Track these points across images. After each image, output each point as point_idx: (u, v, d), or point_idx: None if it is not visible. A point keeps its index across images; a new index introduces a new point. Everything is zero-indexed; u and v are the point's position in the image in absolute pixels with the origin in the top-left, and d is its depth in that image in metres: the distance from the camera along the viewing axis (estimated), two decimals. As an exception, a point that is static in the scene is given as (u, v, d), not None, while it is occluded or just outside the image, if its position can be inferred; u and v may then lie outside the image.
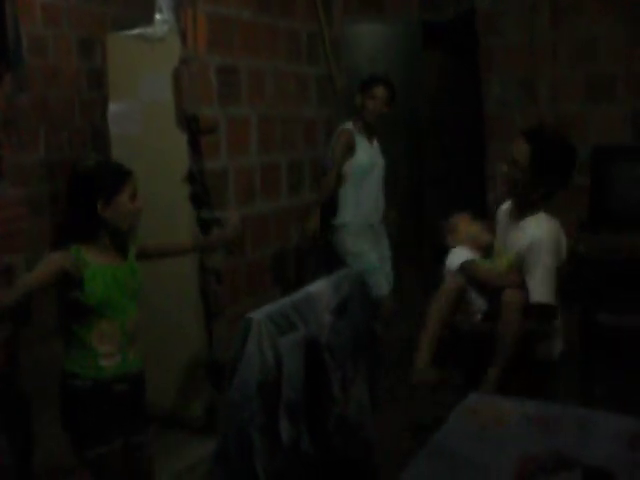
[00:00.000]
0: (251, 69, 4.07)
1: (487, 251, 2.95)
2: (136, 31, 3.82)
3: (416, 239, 5.38)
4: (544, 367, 2.82)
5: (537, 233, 2.69)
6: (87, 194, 2.38)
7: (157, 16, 3.75)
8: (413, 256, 4.03)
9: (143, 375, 2.61)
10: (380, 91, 4.17)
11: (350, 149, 4.17)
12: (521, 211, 2.79)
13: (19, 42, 3.82)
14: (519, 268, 2.71)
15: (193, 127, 3.69)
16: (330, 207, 4.25)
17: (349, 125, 4.22)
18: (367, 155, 4.23)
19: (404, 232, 5.18)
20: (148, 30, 3.76)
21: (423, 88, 5.50)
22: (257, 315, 2.12)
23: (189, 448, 3.68)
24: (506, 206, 2.95)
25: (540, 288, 2.66)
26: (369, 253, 4.19)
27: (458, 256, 2.92)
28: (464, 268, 2.86)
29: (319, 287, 2.44)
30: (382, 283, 4.21)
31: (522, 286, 2.68)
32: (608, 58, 4.49)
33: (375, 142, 4.33)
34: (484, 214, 4.59)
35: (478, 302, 2.85)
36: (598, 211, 4.30)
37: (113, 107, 4.00)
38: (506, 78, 4.84)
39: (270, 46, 4.24)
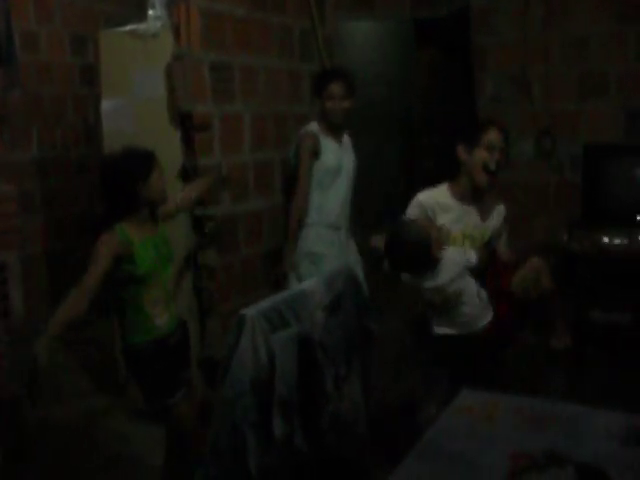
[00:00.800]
0: (244, 66, 4.06)
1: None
2: (129, 27, 3.81)
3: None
4: None
5: (502, 206, 3.17)
6: (128, 177, 2.67)
7: (150, 12, 3.74)
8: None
9: (184, 321, 2.99)
10: (336, 88, 3.79)
11: (315, 153, 3.83)
12: (479, 193, 3.07)
13: (11, 38, 3.82)
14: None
15: (186, 124, 3.69)
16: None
17: (313, 127, 3.87)
18: (334, 158, 3.89)
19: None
20: (141, 26, 3.75)
21: (416, 86, 5.51)
22: (250, 312, 2.12)
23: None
24: (440, 195, 3.10)
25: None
26: (330, 259, 3.84)
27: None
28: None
29: (312, 284, 2.44)
30: None
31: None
32: (601, 56, 4.50)
33: (345, 141, 4.00)
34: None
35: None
36: (590, 209, 4.31)
37: (106, 104, 3.99)
38: (499, 76, 4.85)
39: (263, 43, 4.24)
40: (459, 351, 2.95)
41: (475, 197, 3.08)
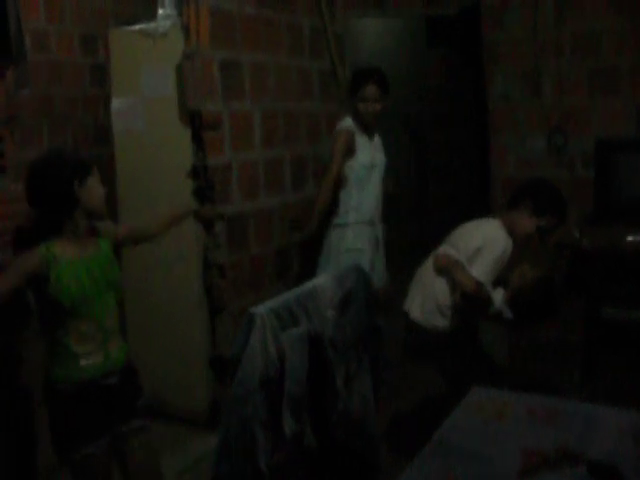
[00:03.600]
0: (254, 64, 4.06)
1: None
2: (139, 26, 3.82)
3: (419, 234, 5.37)
4: None
5: None
6: (64, 176, 2.31)
7: (160, 11, 3.75)
8: (415, 251, 4.00)
9: (131, 367, 2.55)
10: (371, 91, 3.92)
11: (350, 150, 3.96)
12: None
13: (21, 38, 3.82)
14: None
15: (197, 122, 3.70)
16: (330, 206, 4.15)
17: (349, 123, 4.01)
18: (368, 155, 4.03)
19: (407, 228, 5.18)
20: (151, 25, 3.76)
21: (427, 83, 5.50)
22: (260, 310, 2.12)
23: (193, 443, 3.69)
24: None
25: None
26: (367, 251, 4.04)
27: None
28: None
29: (322, 282, 2.43)
30: (374, 280, 4.08)
31: None
32: (612, 51, 4.46)
33: (376, 138, 4.15)
34: (488, 209, 4.59)
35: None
36: (602, 205, 4.28)
37: (116, 103, 4.00)
38: (510, 72, 4.82)
39: (273, 40, 4.24)
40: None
41: None
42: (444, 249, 3.29)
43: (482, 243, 3.18)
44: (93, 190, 2.37)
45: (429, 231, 5.35)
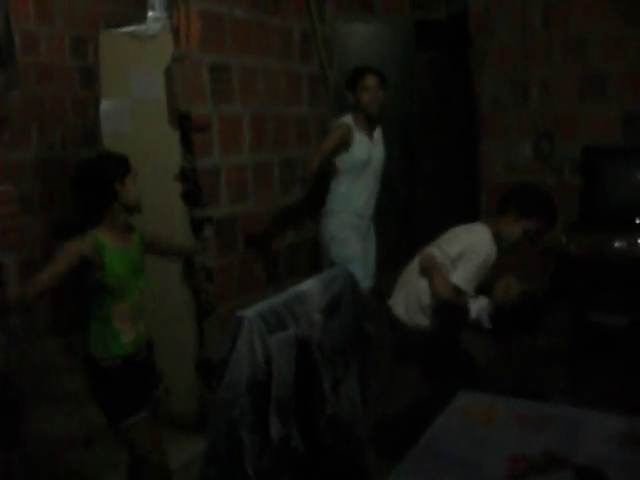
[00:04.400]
0: (243, 67, 4.06)
1: None
2: (129, 29, 3.81)
3: (408, 239, 5.38)
4: None
5: None
6: (107, 174, 2.61)
7: (150, 14, 3.74)
8: (404, 257, 4.01)
9: (152, 340, 2.87)
10: (371, 79, 4.05)
11: (345, 144, 4.03)
12: None
13: (11, 39, 3.81)
14: None
15: (186, 125, 3.69)
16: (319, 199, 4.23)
17: (348, 119, 4.09)
18: (364, 151, 4.09)
19: (395, 233, 5.19)
20: (141, 28, 3.75)
21: (415, 87, 5.51)
22: (248, 313, 2.12)
23: (180, 446, 3.67)
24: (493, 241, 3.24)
25: None
26: (354, 242, 4.11)
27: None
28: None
29: (310, 286, 2.43)
30: (360, 275, 4.10)
31: None
32: (600, 58, 4.50)
33: (376, 134, 4.21)
34: (477, 214, 4.61)
35: None
36: (589, 211, 4.31)
37: (105, 105, 3.99)
38: (498, 78, 4.85)
39: (262, 44, 4.24)
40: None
41: None
42: (431, 250, 3.30)
43: (465, 248, 3.19)
44: (130, 187, 2.65)
45: (417, 235, 5.36)
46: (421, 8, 5.44)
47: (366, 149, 4.11)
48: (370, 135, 4.16)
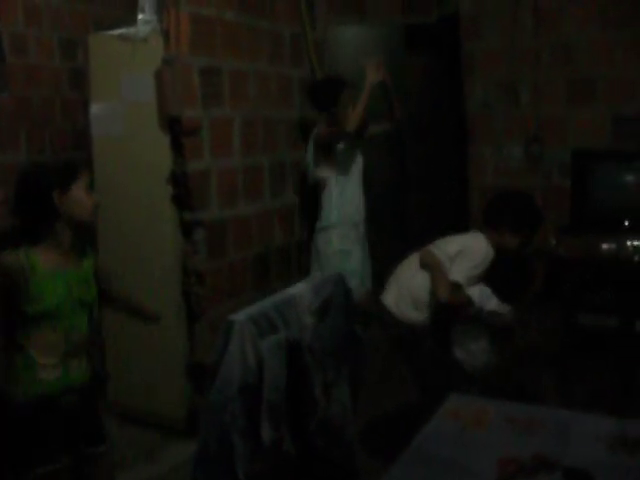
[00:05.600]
0: (234, 70, 4.06)
1: None
2: (118, 31, 3.80)
3: (399, 244, 5.38)
4: None
5: None
6: (41, 185, 2.27)
7: (140, 16, 3.74)
8: (393, 259, 4.01)
9: (92, 386, 2.50)
10: (349, 95, 4.12)
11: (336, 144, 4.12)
12: None
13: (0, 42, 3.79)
14: None
15: (176, 128, 3.69)
16: (313, 211, 4.24)
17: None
18: (352, 154, 4.19)
19: (386, 237, 5.18)
20: (130, 30, 3.75)
21: (405, 91, 5.51)
22: (239, 317, 2.11)
23: (171, 450, 3.67)
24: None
25: None
26: (356, 252, 4.17)
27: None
28: None
29: (300, 289, 2.43)
30: (366, 282, 4.22)
31: None
32: (588, 62, 4.52)
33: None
34: (467, 217, 4.62)
35: None
36: (579, 214, 4.32)
37: (95, 108, 3.98)
38: (488, 81, 4.86)
39: (253, 47, 4.24)
40: None
41: None
42: (431, 247, 3.35)
43: (463, 247, 3.30)
44: (77, 199, 2.30)
45: (409, 238, 5.37)
46: (412, 11, 5.45)
47: (352, 155, 4.18)
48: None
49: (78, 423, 2.41)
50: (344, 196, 4.16)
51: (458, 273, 3.23)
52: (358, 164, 4.25)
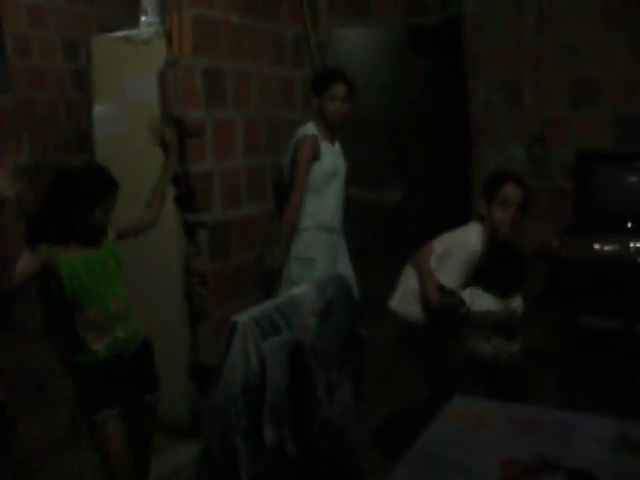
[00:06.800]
0: (237, 72, 4.06)
1: None
2: (121, 33, 3.81)
3: (400, 244, 5.39)
4: None
5: None
6: (68, 201, 2.50)
7: (143, 18, 3.75)
8: (395, 261, 4.01)
9: (147, 341, 2.81)
10: (339, 89, 3.80)
11: (314, 157, 3.82)
12: None
13: (3, 43, 3.81)
14: None
15: (178, 130, 3.69)
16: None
17: (312, 129, 3.86)
18: (331, 160, 3.90)
19: (387, 236, 5.19)
20: (133, 32, 3.75)
21: (408, 92, 5.52)
22: (242, 318, 2.12)
23: (174, 451, 3.67)
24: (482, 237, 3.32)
25: None
26: (319, 261, 3.84)
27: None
28: None
29: (303, 290, 2.44)
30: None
31: None
32: (592, 64, 4.52)
33: (337, 145, 4.04)
34: (468, 220, 4.62)
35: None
36: (581, 215, 4.33)
37: (98, 109, 3.99)
38: (491, 82, 4.86)
39: (255, 49, 4.24)
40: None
41: None
42: (425, 249, 3.37)
43: (449, 244, 3.32)
44: (95, 220, 2.53)
45: (411, 240, 5.37)
46: (415, 13, 5.46)
47: (332, 159, 3.91)
48: (333, 144, 3.98)
49: (130, 376, 2.70)
50: (320, 201, 3.89)
51: (445, 276, 3.25)
52: (341, 168, 3.99)
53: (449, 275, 3.23)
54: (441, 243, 3.38)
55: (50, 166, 5.46)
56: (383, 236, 5.07)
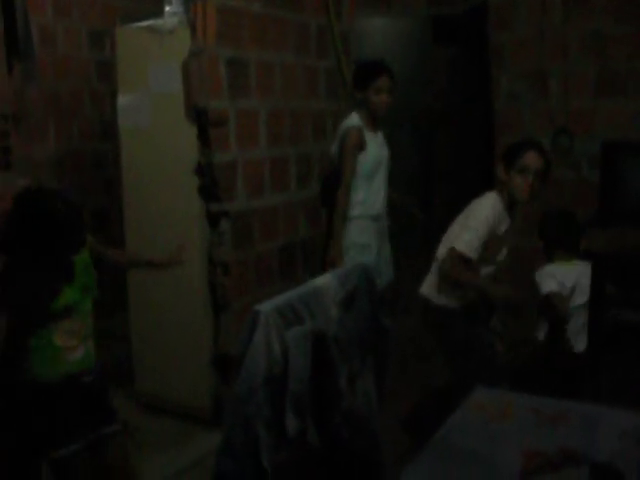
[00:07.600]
0: (260, 62, 4.07)
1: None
2: (146, 23, 3.82)
3: (425, 235, 5.36)
4: None
5: None
6: (46, 236, 2.39)
7: (167, 8, 3.75)
8: (421, 252, 4.00)
9: (103, 367, 2.66)
10: (384, 82, 3.89)
11: (360, 147, 3.93)
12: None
13: (29, 34, 3.83)
14: None
15: (202, 119, 3.70)
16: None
17: (357, 120, 3.95)
18: (376, 150, 4.02)
19: (412, 228, 5.17)
20: (158, 22, 3.76)
21: (433, 83, 5.49)
22: (264, 308, 2.12)
23: (196, 440, 3.69)
24: (498, 205, 3.35)
25: None
26: (373, 247, 4.04)
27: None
28: None
29: (326, 280, 2.43)
30: (385, 275, 4.16)
31: None
32: (618, 53, 4.46)
33: (380, 133, 4.12)
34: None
35: None
36: (608, 207, 4.28)
37: (122, 99, 4.01)
38: (516, 73, 4.82)
39: (279, 39, 4.24)
40: None
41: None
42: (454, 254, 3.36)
43: (468, 214, 3.36)
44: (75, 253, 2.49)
45: (436, 231, 5.35)
46: (439, 3, 5.42)
47: (377, 148, 4.03)
48: (376, 133, 4.08)
49: (93, 403, 2.54)
50: (369, 190, 4.02)
51: (462, 241, 3.23)
52: (385, 156, 4.13)
53: (466, 242, 3.23)
54: (460, 217, 3.41)
55: (75, 156, 5.51)
56: (406, 225, 5.05)
